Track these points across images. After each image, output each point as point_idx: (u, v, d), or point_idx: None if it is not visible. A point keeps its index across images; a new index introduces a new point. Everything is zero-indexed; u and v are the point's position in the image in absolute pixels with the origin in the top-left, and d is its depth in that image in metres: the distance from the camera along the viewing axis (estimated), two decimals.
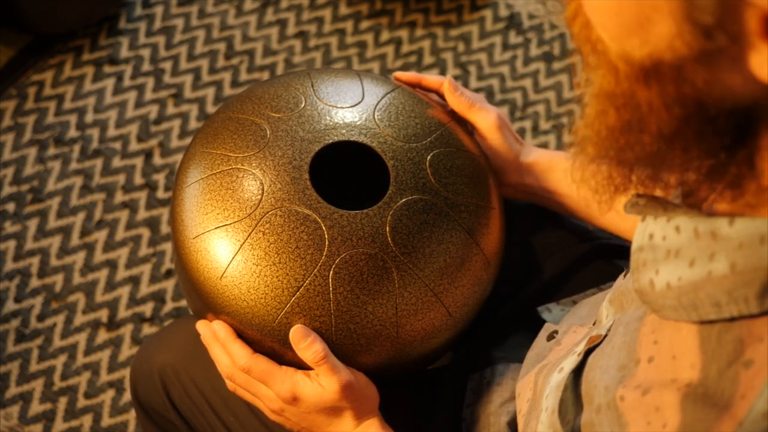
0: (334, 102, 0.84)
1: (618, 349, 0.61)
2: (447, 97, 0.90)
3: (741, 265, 0.50)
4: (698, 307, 0.52)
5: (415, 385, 0.91)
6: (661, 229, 0.56)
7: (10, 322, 1.42)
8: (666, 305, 0.55)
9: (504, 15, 1.77)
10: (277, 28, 1.71)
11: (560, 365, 0.70)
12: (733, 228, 0.50)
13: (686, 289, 0.53)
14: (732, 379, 0.50)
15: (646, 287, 0.57)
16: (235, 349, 0.78)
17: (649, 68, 0.47)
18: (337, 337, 0.77)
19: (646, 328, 0.59)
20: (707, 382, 0.51)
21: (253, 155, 0.80)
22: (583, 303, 0.86)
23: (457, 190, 0.82)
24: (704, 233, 0.52)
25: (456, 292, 0.80)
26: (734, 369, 0.50)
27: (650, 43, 0.46)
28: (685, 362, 0.53)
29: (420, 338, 0.79)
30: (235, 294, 0.77)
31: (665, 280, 0.55)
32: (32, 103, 1.60)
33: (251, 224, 0.77)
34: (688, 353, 0.53)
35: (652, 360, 0.56)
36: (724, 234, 0.50)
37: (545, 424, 0.68)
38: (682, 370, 0.53)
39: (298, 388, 0.77)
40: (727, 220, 0.50)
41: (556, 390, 0.68)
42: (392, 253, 0.77)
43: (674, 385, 0.53)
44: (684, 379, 0.53)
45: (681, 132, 0.49)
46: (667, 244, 0.55)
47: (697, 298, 0.52)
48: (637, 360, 0.58)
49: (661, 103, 0.48)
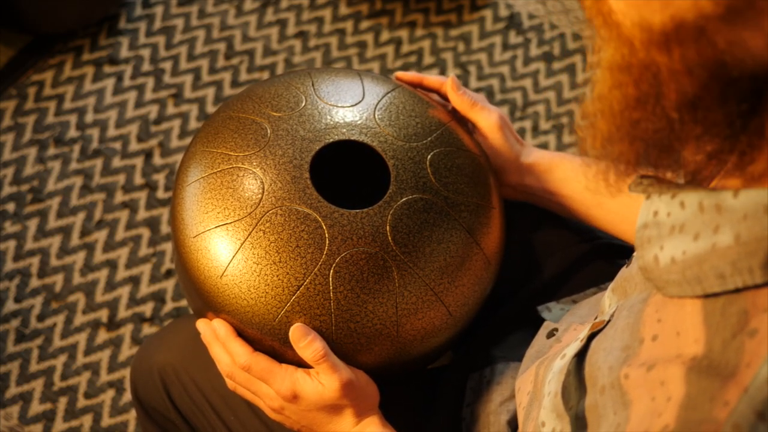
0: (335, 101, 0.84)
1: (621, 330, 0.61)
2: (449, 95, 0.90)
3: (745, 236, 0.50)
4: (702, 280, 0.52)
5: (415, 385, 0.91)
6: (665, 205, 0.56)
7: (10, 322, 1.42)
8: (670, 280, 0.55)
9: (504, 15, 1.77)
10: (277, 28, 1.71)
11: (563, 352, 0.70)
12: (738, 199, 0.50)
13: (690, 262, 0.53)
14: (737, 349, 0.50)
15: (650, 263, 0.57)
16: (235, 348, 0.78)
17: (669, 32, 0.47)
18: (337, 336, 0.77)
19: (650, 309, 0.59)
20: (712, 354, 0.51)
21: (253, 154, 0.80)
22: (583, 303, 0.86)
23: (457, 190, 0.82)
24: (709, 207, 0.52)
25: (456, 292, 0.80)
26: (739, 339, 0.50)
27: (673, 5, 0.46)
28: (690, 338, 0.53)
29: (420, 337, 0.79)
30: (236, 293, 0.77)
31: (670, 255, 0.55)
32: (32, 103, 1.60)
33: (252, 223, 0.77)
34: (692, 329, 0.53)
35: (657, 338, 0.57)
36: (728, 206, 0.50)
37: (548, 408, 0.68)
38: (686, 345, 0.53)
39: (298, 386, 0.77)
40: (731, 192, 0.50)
41: (558, 374, 0.68)
42: (392, 252, 0.78)
43: (679, 359, 0.53)
44: (689, 354, 0.53)
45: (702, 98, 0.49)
46: (671, 220, 0.55)
47: (701, 271, 0.52)
48: (641, 339, 0.58)
49: (682, 67, 0.48)
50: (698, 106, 0.49)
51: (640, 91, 0.50)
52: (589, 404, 0.62)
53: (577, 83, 1.73)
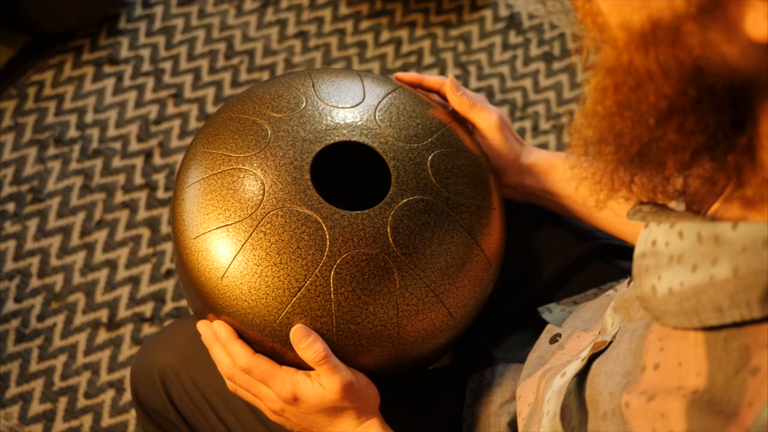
0: (335, 102, 0.84)
1: (623, 355, 0.61)
2: (448, 96, 0.90)
3: (744, 269, 0.49)
4: (700, 313, 0.52)
5: (415, 386, 0.91)
6: (664, 235, 0.55)
7: (10, 322, 1.42)
8: (668, 311, 0.55)
9: (504, 15, 1.77)
10: (277, 28, 1.71)
11: (563, 370, 0.70)
12: (737, 232, 0.49)
13: (688, 294, 0.53)
14: (739, 386, 0.49)
15: (647, 293, 0.56)
16: (236, 349, 0.78)
17: (647, 33, 0.47)
18: (338, 338, 0.77)
19: (653, 335, 0.58)
20: (714, 389, 0.51)
21: (254, 155, 0.80)
22: (585, 306, 0.86)
23: (458, 191, 0.82)
24: (707, 238, 0.51)
25: (457, 293, 0.80)
26: (741, 376, 0.49)
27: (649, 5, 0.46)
28: (692, 370, 0.53)
29: (421, 338, 0.79)
30: (236, 294, 0.77)
31: (667, 285, 0.54)
32: (32, 103, 1.60)
33: (252, 224, 0.77)
34: (694, 361, 0.53)
35: (658, 367, 0.56)
36: (727, 238, 0.50)
37: (547, 428, 0.67)
38: (688, 377, 0.53)
39: (298, 388, 0.77)
40: (730, 224, 0.50)
41: (558, 394, 0.68)
42: (393, 253, 0.78)
43: (680, 392, 0.53)
44: (690, 386, 0.52)
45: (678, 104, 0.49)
46: (669, 250, 0.54)
47: (699, 303, 0.52)
48: (643, 367, 0.57)
49: (659, 69, 0.48)
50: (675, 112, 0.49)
51: (622, 95, 0.50)
52: (592, 430, 0.61)
53: (577, 83, 1.72)
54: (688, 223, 0.53)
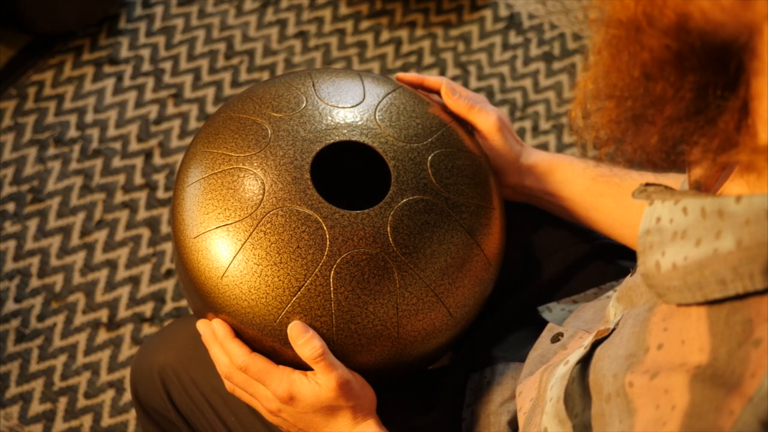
0: (336, 102, 0.84)
1: (627, 339, 0.61)
2: (445, 101, 0.90)
3: (747, 241, 0.50)
4: (703, 286, 0.52)
5: (415, 385, 0.91)
6: (668, 211, 0.56)
7: (10, 322, 1.42)
8: (671, 287, 0.55)
9: (504, 15, 1.77)
10: (277, 28, 1.71)
11: (566, 359, 0.70)
12: (740, 205, 0.50)
13: (692, 268, 0.53)
14: (742, 359, 0.50)
15: (652, 270, 0.57)
16: (233, 348, 0.78)
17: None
18: (338, 337, 0.77)
19: (656, 318, 0.59)
20: (717, 363, 0.51)
21: (254, 155, 0.80)
22: (586, 306, 0.85)
23: (458, 191, 0.82)
24: (711, 212, 0.52)
25: (457, 293, 0.80)
26: (744, 349, 0.50)
27: None
28: (694, 346, 0.53)
29: (420, 338, 0.79)
30: (236, 294, 0.77)
31: (671, 260, 0.55)
32: (32, 103, 1.60)
33: (252, 224, 0.77)
34: (697, 338, 0.53)
35: (662, 347, 0.56)
36: (730, 211, 0.51)
37: (550, 414, 0.67)
38: (691, 353, 0.53)
39: (294, 388, 0.77)
40: (733, 198, 0.50)
41: (561, 380, 0.68)
42: (393, 253, 0.78)
43: (683, 368, 0.53)
44: (693, 362, 0.53)
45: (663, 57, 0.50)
46: (674, 226, 0.55)
47: (702, 277, 0.52)
48: (647, 348, 0.58)
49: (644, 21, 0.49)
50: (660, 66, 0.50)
51: (614, 47, 0.52)
52: (595, 412, 0.61)
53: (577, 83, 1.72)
54: (692, 199, 0.54)
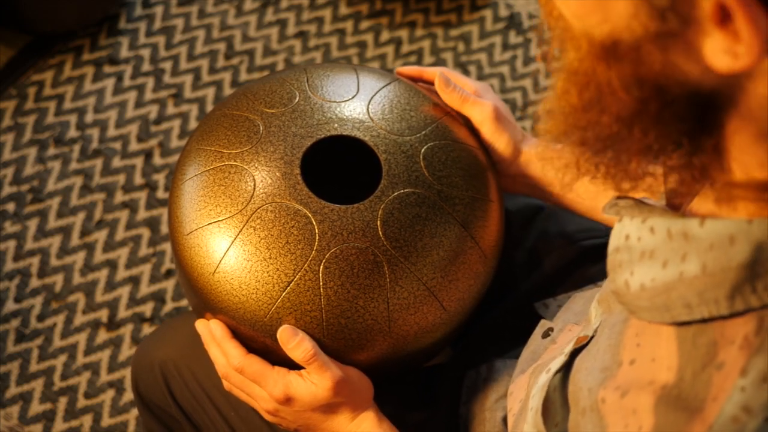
0: (329, 96, 0.83)
1: (603, 351, 0.61)
2: (439, 93, 0.88)
3: (711, 267, 0.50)
4: (671, 309, 0.52)
5: (412, 383, 0.91)
6: (636, 229, 0.55)
7: (10, 322, 1.42)
8: (641, 306, 0.55)
9: (504, 15, 1.77)
10: (277, 28, 1.71)
11: (548, 366, 0.70)
12: (704, 228, 0.50)
13: (659, 290, 0.53)
14: (705, 381, 0.50)
15: (621, 288, 0.57)
16: (230, 349, 0.78)
17: (608, 47, 0.47)
18: (328, 332, 0.76)
19: (631, 331, 0.58)
20: (682, 384, 0.51)
21: (245, 151, 0.80)
22: (576, 297, 0.85)
23: (451, 183, 0.81)
24: (677, 234, 0.52)
25: (450, 287, 0.79)
26: (708, 372, 0.50)
27: (610, 22, 0.46)
28: (663, 365, 0.53)
29: (414, 333, 0.79)
30: (227, 289, 0.77)
31: (639, 281, 0.55)
32: (32, 103, 1.60)
33: (243, 220, 0.77)
34: (666, 356, 0.53)
35: (634, 362, 0.56)
36: (695, 234, 0.50)
37: (530, 423, 0.68)
38: (660, 372, 0.53)
39: (291, 389, 0.77)
40: (698, 221, 0.50)
41: (541, 390, 0.68)
42: (383, 247, 0.77)
43: (651, 387, 0.53)
44: (660, 381, 0.53)
45: (640, 114, 0.49)
46: (642, 245, 0.55)
47: (669, 299, 0.52)
48: (620, 362, 0.58)
49: (620, 83, 0.48)
50: (637, 121, 0.49)
51: (584, 100, 0.50)
52: (571, 425, 0.62)
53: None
54: (658, 218, 0.54)
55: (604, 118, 0.50)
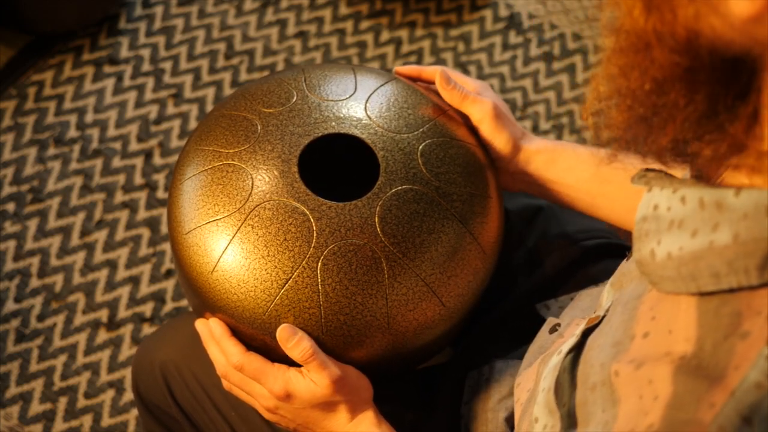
0: (326, 95, 0.84)
1: (615, 327, 0.61)
2: (439, 90, 0.88)
3: (744, 236, 0.49)
4: (697, 278, 0.52)
5: (413, 383, 0.91)
6: (666, 199, 0.55)
7: (10, 322, 1.42)
8: (665, 276, 0.55)
9: (504, 15, 1.77)
10: (277, 28, 1.71)
11: (559, 348, 0.70)
12: (739, 198, 0.50)
13: (686, 259, 0.53)
14: (727, 351, 0.49)
15: (646, 257, 0.57)
16: (229, 347, 0.78)
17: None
18: (327, 329, 0.76)
19: (645, 306, 0.58)
20: (702, 354, 0.51)
21: (243, 150, 0.80)
22: (583, 294, 0.85)
23: (449, 180, 0.81)
24: (709, 203, 0.51)
25: (449, 282, 0.80)
26: (730, 341, 0.49)
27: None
28: (680, 336, 0.53)
29: (413, 329, 0.79)
30: (226, 288, 0.77)
31: (666, 250, 0.54)
32: (32, 103, 1.60)
33: (241, 218, 0.77)
34: (684, 327, 0.53)
35: (648, 335, 0.56)
36: (729, 204, 0.50)
37: (541, 403, 0.67)
38: (677, 343, 0.53)
39: (290, 385, 0.77)
40: (733, 190, 0.50)
41: (553, 370, 0.68)
42: (381, 243, 0.77)
43: (668, 358, 0.53)
44: (678, 352, 0.52)
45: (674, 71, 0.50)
46: (671, 215, 0.55)
47: (697, 269, 0.52)
48: (633, 336, 0.58)
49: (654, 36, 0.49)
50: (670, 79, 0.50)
51: (626, 57, 0.51)
52: (579, 401, 0.61)
53: (577, 83, 1.72)
54: (691, 188, 0.53)
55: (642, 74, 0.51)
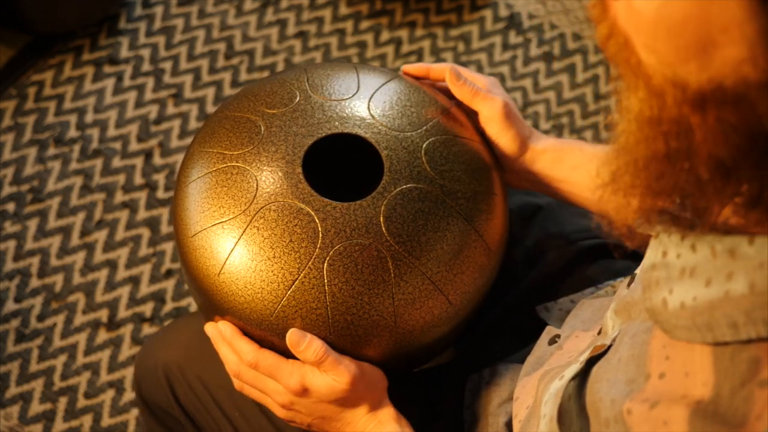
0: (329, 95, 0.84)
1: (626, 362, 0.60)
2: (450, 86, 0.88)
3: (761, 285, 0.48)
4: (714, 328, 0.51)
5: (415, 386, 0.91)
6: (675, 246, 0.54)
7: (10, 322, 1.42)
8: (679, 325, 0.54)
9: (504, 15, 1.77)
10: (277, 28, 1.71)
11: (562, 373, 0.69)
12: (753, 247, 0.49)
13: (701, 308, 0.51)
14: (745, 398, 0.49)
15: (658, 306, 0.55)
16: (242, 346, 0.78)
17: (706, 93, 0.44)
18: (334, 329, 0.77)
19: (657, 342, 0.57)
20: (719, 400, 0.50)
21: (247, 152, 0.80)
22: (584, 304, 0.85)
23: (454, 177, 0.81)
24: (721, 252, 0.50)
25: (455, 280, 0.79)
26: (748, 388, 0.49)
27: (712, 68, 0.43)
28: (698, 380, 0.52)
29: (420, 328, 0.79)
30: (233, 290, 0.77)
31: (679, 299, 0.53)
32: (32, 103, 1.60)
33: (246, 220, 0.77)
34: (701, 371, 0.52)
35: (664, 376, 0.55)
36: (743, 253, 0.49)
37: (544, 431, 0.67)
38: (694, 387, 0.52)
39: (307, 380, 0.77)
40: (746, 238, 0.49)
41: (555, 397, 0.67)
42: (387, 242, 0.77)
43: (684, 400, 0.52)
44: (695, 396, 0.52)
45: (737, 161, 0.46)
46: (681, 262, 0.53)
47: (713, 319, 0.51)
48: (648, 375, 0.57)
49: (718, 129, 0.45)
50: (732, 169, 0.46)
51: (669, 148, 0.48)
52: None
53: (577, 83, 1.73)
54: (700, 236, 0.52)
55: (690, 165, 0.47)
